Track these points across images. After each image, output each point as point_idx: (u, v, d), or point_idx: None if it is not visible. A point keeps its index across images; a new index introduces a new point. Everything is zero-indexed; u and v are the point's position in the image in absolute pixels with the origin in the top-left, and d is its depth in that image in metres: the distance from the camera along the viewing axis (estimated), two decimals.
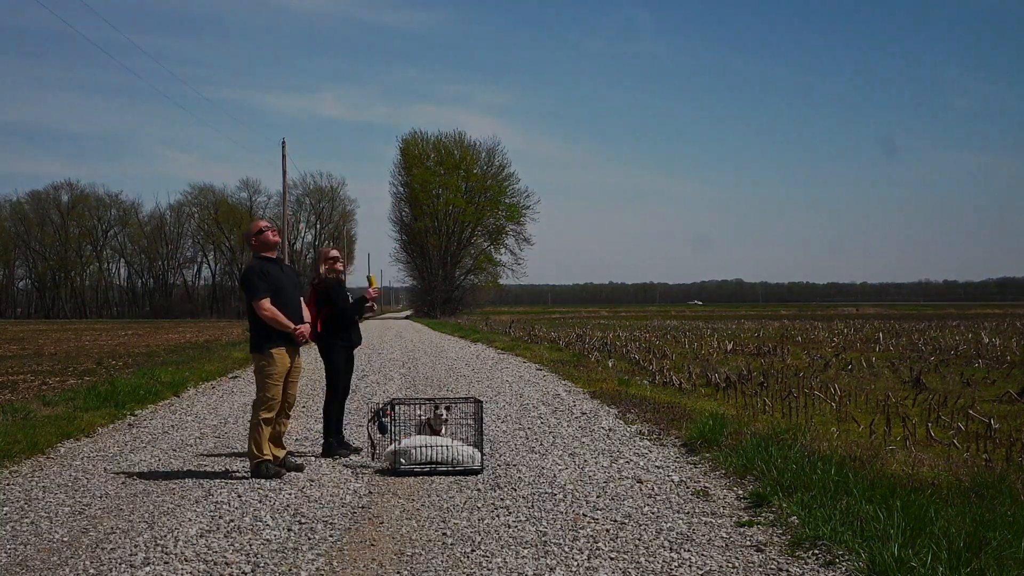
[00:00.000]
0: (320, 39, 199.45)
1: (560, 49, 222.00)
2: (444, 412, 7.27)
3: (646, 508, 5.59)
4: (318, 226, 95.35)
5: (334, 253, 7.75)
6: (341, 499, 5.91)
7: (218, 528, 5.19)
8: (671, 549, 4.71)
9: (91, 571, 4.44)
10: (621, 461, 7.14)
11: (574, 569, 4.39)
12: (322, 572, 4.40)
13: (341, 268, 7.76)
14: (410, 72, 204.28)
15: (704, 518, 5.35)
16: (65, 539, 5.02)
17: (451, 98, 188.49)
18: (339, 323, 7.62)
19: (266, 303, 6.66)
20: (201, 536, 5.02)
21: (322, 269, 7.61)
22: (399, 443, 6.83)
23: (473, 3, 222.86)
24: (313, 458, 7.31)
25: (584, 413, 10.12)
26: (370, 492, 6.12)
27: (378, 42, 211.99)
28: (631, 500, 5.81)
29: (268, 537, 5.00)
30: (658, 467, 6.90)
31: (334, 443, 7.55)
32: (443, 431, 7.18)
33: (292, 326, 6.75)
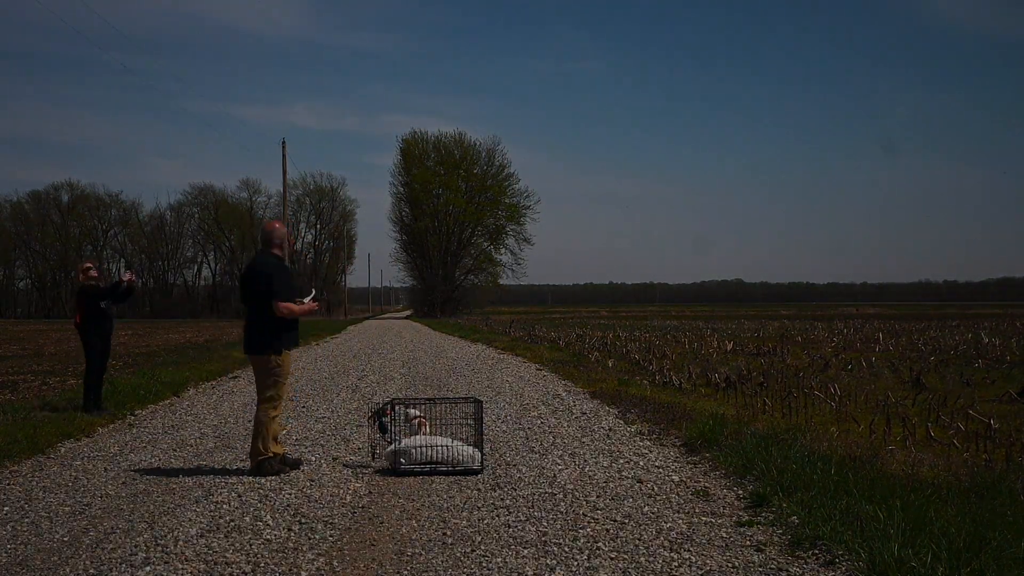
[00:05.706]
0: (286, 60, 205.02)
1: (509, 69, 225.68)
2: (417, 412, 7.40)
3: (646, 508, 5.59)
4: (318, 226, 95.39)
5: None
6: (341, 499, 5.92)
7: (218, 528, 5.19)
8: (671, 549, 4.71)
9: (91, 571, 4.44)
10: (621, 461, 7.14)
11: (574, 569, 4.39)
12: (322, 572, 4.40)
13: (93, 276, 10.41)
14: (377, 87, 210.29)
15: (704, 518, 5.35)
16: (65, 539, 5.02)
17: (420, 108, 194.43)
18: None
19: (287, 304, 6.76)
20: (201, 536, 5.02)
21: (81, 279, 10.39)
22: (399, 443, 6.83)
23: (421, 28, 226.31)
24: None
25: (584, 413, 10.12)
26: (370, 492, 6.12)
27: (343, 60, 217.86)
28: (631, 500, 5.81)
29: (268, 537, 5.00)
30: (658, 467, 6.90)
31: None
32: (424, 431, 7.21)
33: (310, 306, 7.05)
